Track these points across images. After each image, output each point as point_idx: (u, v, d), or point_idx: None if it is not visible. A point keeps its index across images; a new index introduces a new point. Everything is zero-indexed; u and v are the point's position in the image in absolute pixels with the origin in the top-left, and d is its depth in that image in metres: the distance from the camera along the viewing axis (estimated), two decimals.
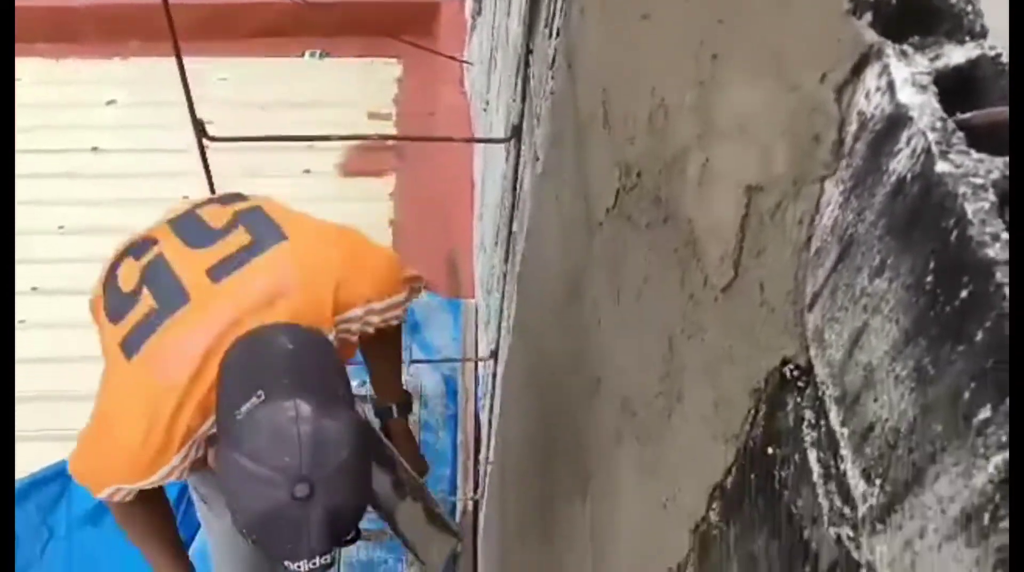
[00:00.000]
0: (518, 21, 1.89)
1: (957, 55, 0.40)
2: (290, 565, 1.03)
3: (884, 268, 0.40)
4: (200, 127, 1.57)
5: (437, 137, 2.99)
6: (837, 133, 0.44)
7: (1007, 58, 0.39)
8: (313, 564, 1.02)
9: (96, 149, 4.36)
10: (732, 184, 0.57)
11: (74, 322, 1.77)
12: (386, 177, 4.35)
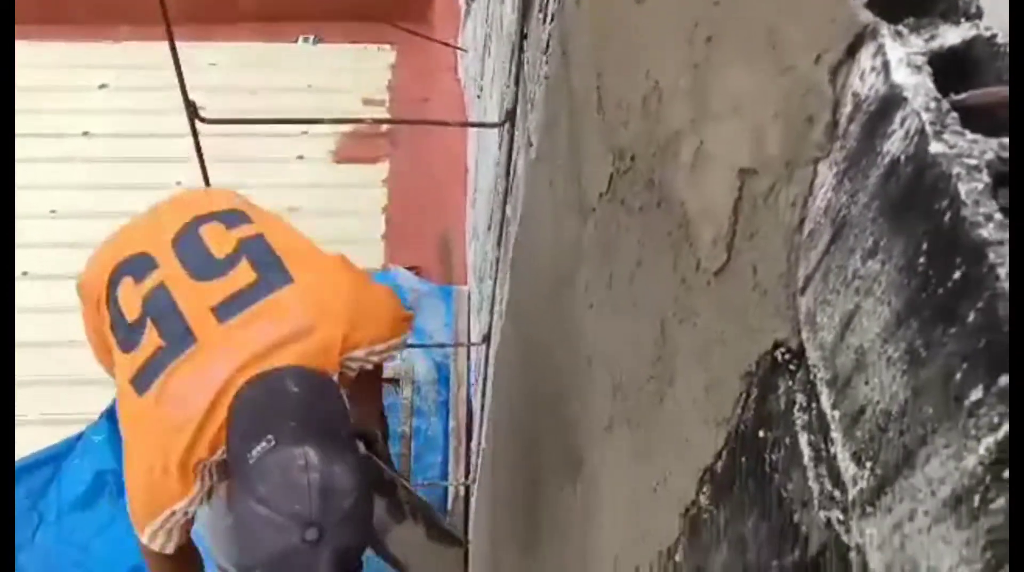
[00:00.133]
0: (512, 6, 1.88)
1: (952, 36, 0.40)
2: None
3: (877, 250, 0.39)
4: (193, 109, 1.56)
5: (430, 120, 2.97)
6: (831, 115, 0.44)
7: (1002, 39, 0.39)
8: None
9: (87, 133, 4.33)
10: (725, 167, 0.57)
11: (65, 307, 1.76)
12: (379, 164, 4.33)
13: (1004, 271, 0.31)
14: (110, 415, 3.14)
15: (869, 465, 0.40)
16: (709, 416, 0.60)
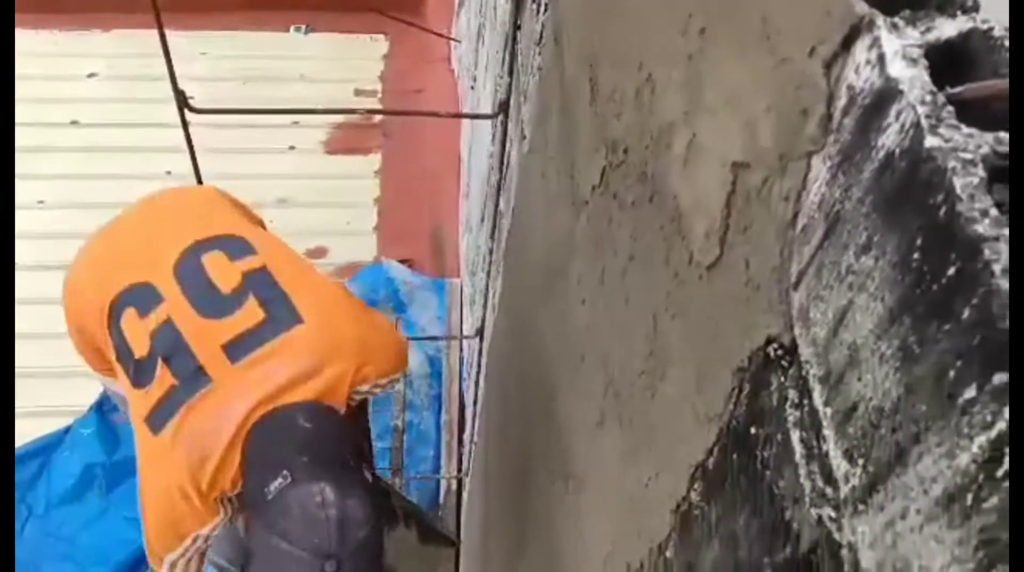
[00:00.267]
0: None
1: (948, 28, 0.39)
2: None
3: (871, 245, 0.39)
4: (182, 98, 1.54)
5: (423, 111, 2.96)
6: (825, 108, 0.43)
7: (999, 32, 0.38)
8: None
9: (76, 122, 4.30)
10: (718, 160, 0.56)
11: (53, 298, 1.74)
12: (372, 155, 4.31)
13: (999, 267, 0.31)
14: (99, 408, 3.13)
15: (861, 462, 0.39)
16: (701, 412, 0.59)
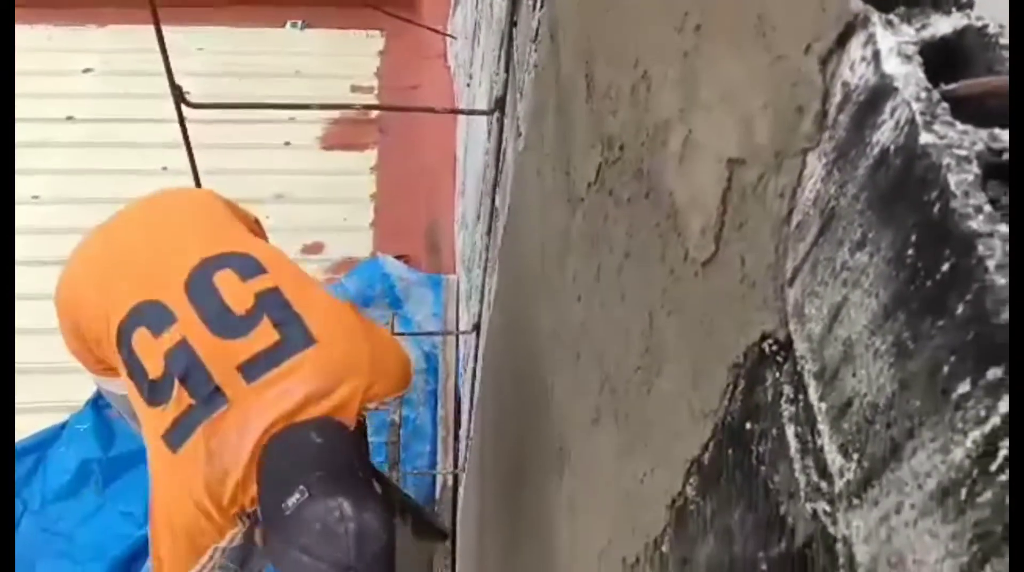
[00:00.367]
0: None
1: (943, 25, 0.39)
2: None
3: (865, 241, 0.39)
4: (179, 93, 1.54)
5: (419, 107, 2.96)
6: (821, 105, 0.43)
7: (993, 29, 0.38)
8: None
9: (71, 118, 4.29)
10: (714, 157, 0.56)
11: (48, 293, 1.74)
12: (368, 151, 4.31)
13: (993, 263, 0.31)
14: (95, 404, 3.12)
15: (856, 457, 0.40)
16: (696, 408, 0.59)
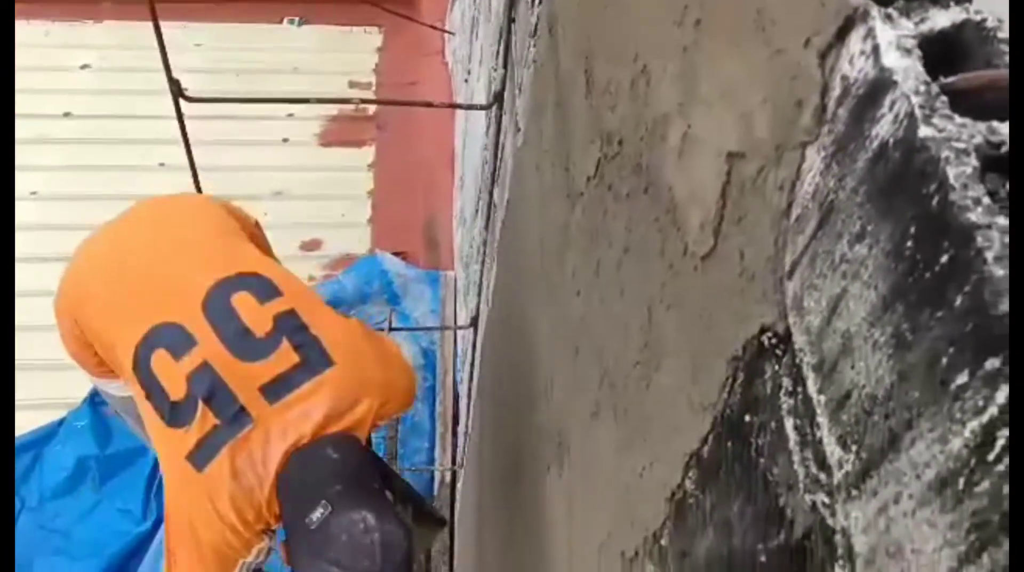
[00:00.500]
0: None
1: (942, 19, 0.39)
2: None
3: (864, 234, 0.39)
4: (177, 87, 1.54)
5: (417, 102, 2.95)
6: (820, 98, 0.43)
7: (992, 23, 0.39)
8: None
9: (69, 114, 4.28)
10: (713, 151, 0.56)
11: (47, 290, 1.74)
12: (366, 147, 4.31)
13: (991, 255, 0.31)
14: (92, 401, 3.12)
15: (854, 449, 0.40)
16: (695, 401, 0.60)
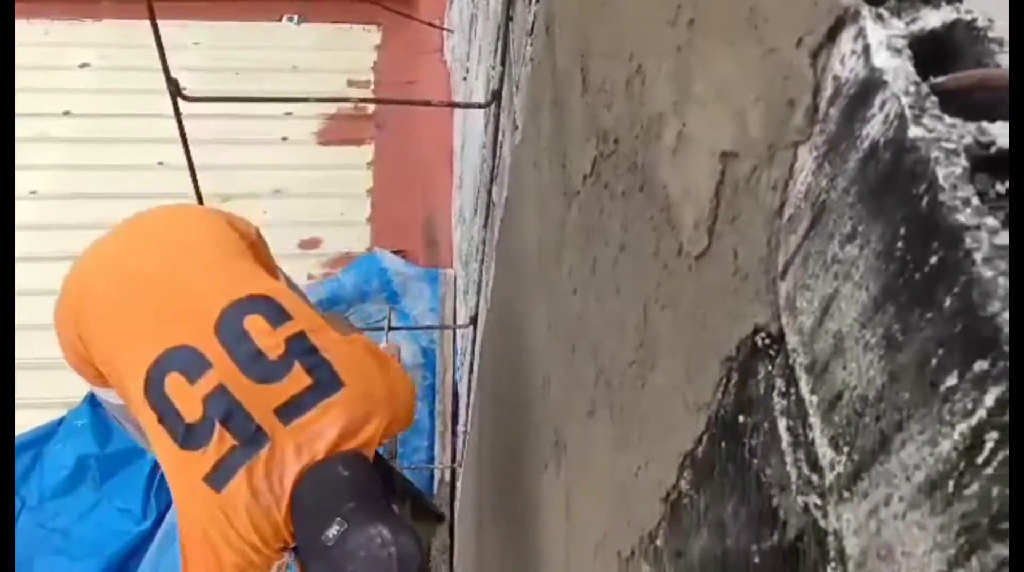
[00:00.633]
0: None
1: (933, 19, 0.39)
2: None
3: (855, 234, 0.39)
4: (175, 87, 1.54)
5: (415, 101, 2.95)
6: (812, 98, 0.43)
7: (982, 22, 0.39)
8: None
9: (68, 113, 4.28)
10: (707, 150, 0.56)
11: (46, 289, 1.74)
12: (365, 146, 4.30)
13: (980, 256, 0.31)
14: (92, 400, 3.12)
15: (846, 450, 0.40)
16: (690, 401, 0.60)
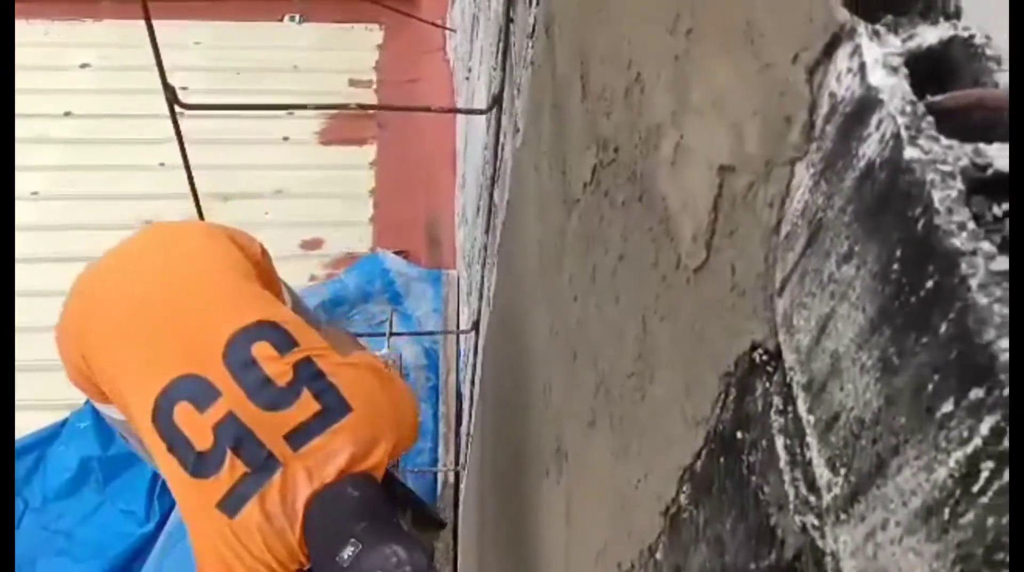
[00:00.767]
0: None
1: (930, 36, 0.39)
2: None
3: (852, 254, 0.39)
4: (171, 94, 1.54)
5: (415, 107, 2.94)
6: (808, 115, 0.43)
7: (980, 39, 0.38)
8: None
9: (69, 113, 4.28)
10: (705, 163, 0.56)
11: (47, 290, 1.74)
12: (366, 146, 4.30)
13: (976, 282, 0.31)
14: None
15: (843, 472, 0.40)
16: (689, 415, 0.59)
